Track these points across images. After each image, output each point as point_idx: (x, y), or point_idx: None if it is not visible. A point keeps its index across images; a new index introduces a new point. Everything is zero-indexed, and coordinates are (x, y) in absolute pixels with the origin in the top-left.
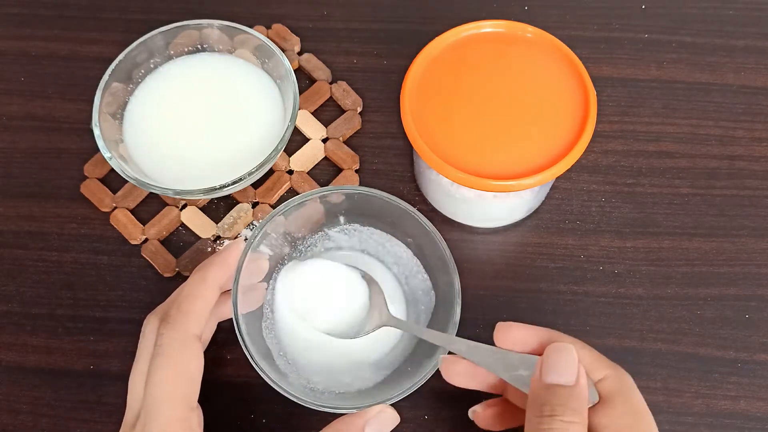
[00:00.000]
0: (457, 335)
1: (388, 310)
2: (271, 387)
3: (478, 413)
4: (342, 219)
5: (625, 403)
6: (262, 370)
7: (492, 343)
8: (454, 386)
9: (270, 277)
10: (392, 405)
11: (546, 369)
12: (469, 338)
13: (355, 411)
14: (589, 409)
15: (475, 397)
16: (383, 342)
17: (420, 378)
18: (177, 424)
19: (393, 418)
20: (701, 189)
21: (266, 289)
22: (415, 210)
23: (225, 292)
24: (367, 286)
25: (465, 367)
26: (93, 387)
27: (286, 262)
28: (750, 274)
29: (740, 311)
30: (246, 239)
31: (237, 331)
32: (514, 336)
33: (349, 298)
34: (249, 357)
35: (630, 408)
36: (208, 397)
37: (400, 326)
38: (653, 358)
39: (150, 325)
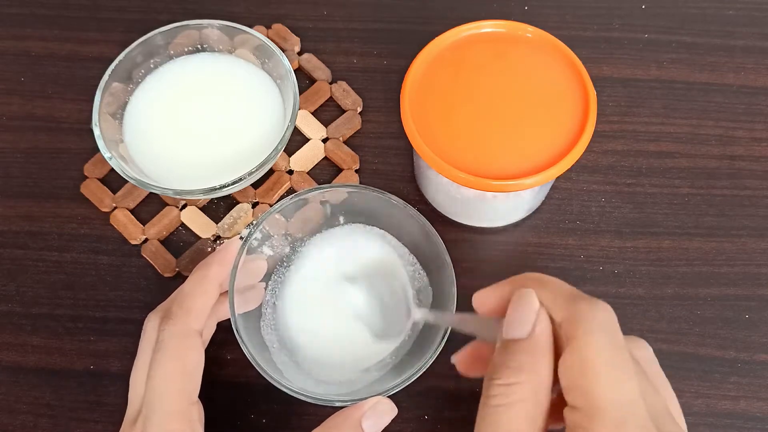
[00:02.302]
0: None
1: (410, 304)
2: (271, 387)
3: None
4: (341, 218)
5: (572, 353)
6: (257, 363)
7: None
8: (454, 386)
9: (269, 277)
10: (393, 402)
11: (505, 323)
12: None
13: (351, 404)
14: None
15: (477, 396)
16: (386, 343)
17: (417, 370)
18: (177, 417)
19: (390, 409)
20: (701, 189)
21: (265, 288)
22: (406, 204)
23: (225, 292)
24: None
25: (472, 353)
26: (93, 387)
27: (285, 263)
28: (750, 274)
29: (740, 311)
30: (241, 237)
31: (234, 327)
32: (484, 301)
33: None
34: (245, 351)
35: (575, 359)
36: (208, 397)
37: (427, 317)
38: None
39: (151, 323)
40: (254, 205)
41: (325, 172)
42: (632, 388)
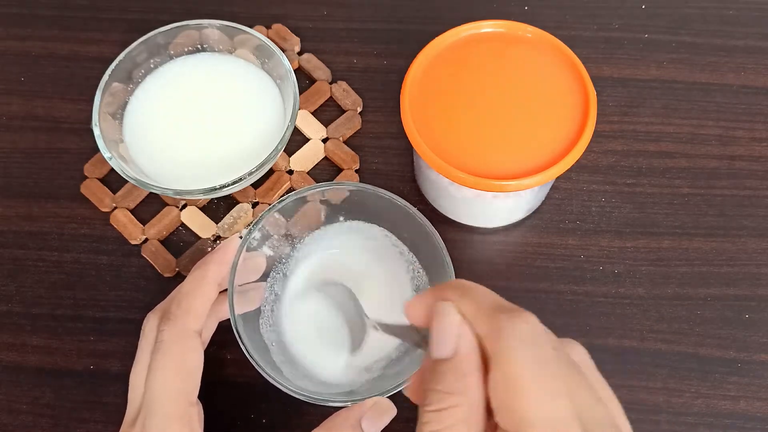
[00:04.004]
0: None
1: (364, 317)
2: (272, 387)
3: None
4: (341, 218)
5: (495, 371)
6: (257, 363)
7: None
8: None
9: (269, 275)
10: (391, 401)
11: (431, 341)
12: None
13: (351, 404)
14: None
15: None
16: (381, 339)
17: (416, 370)
18: (177, 419)
19: (389, 409)
20: (701, 189)
21: (265, 288)
22: (406, 203)
23: (224, 291)
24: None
25: (421, 379)
26: (93, 387)
27: (284, 260)
28: (750, 274)
29: (740, 311)
30: (241, 236)
31: (233, 326)
32: (412, 312)
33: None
34: (245, 351)
35: (499, 378)
36: (208, 397)
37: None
38: (653, 358)
39: (150, 323)
40: (254, 205)
41: (325, 172)
42: (563, 406)
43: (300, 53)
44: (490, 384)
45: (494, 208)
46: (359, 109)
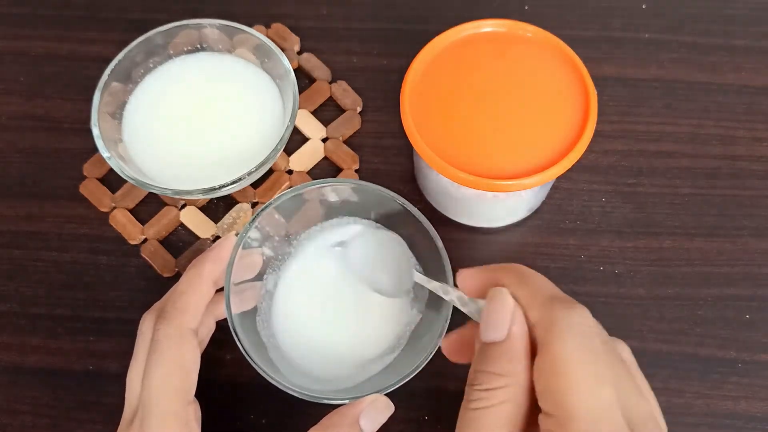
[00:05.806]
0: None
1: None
2: (270, 386)
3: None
4: (340, 216)
5: (544, 357)
6: (255, 362)
7: None
8: (454, 386)
9: (265, 272)
10: (391, 401)
11: (482, 324)
12: None
13: (348, 402)
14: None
15: None
16: (380, 338)
17: (414, 368)
18: (173, 418)
19: (387, 406)
20: (702, 189)
21: (261, 286)
22: (405, 201)
23: (221, 290)
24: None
25: (460, 339)
26: (92, 387)
27: (280, 256)
28: (751, 274)
29: (741, 311)
30: (237, 234)
31: (230, 325)
32: (468, 285)
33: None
34: (242, 349)
35: (548, 364)
36: (207, 397)
37: (421, 281)
38: (654, 359)
39: (146, 323)
40: (254, 204)
41: (325, 171)
42: (607, 394)
43: (299, 53)
44: (536, 368)
45: (494, 208)
46: (359, 109)
